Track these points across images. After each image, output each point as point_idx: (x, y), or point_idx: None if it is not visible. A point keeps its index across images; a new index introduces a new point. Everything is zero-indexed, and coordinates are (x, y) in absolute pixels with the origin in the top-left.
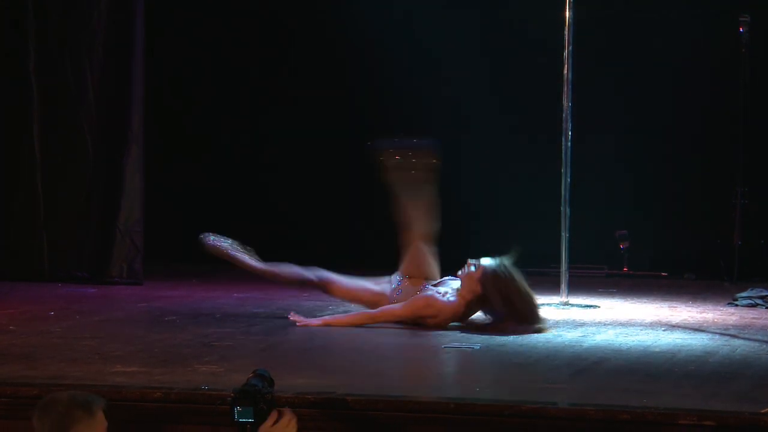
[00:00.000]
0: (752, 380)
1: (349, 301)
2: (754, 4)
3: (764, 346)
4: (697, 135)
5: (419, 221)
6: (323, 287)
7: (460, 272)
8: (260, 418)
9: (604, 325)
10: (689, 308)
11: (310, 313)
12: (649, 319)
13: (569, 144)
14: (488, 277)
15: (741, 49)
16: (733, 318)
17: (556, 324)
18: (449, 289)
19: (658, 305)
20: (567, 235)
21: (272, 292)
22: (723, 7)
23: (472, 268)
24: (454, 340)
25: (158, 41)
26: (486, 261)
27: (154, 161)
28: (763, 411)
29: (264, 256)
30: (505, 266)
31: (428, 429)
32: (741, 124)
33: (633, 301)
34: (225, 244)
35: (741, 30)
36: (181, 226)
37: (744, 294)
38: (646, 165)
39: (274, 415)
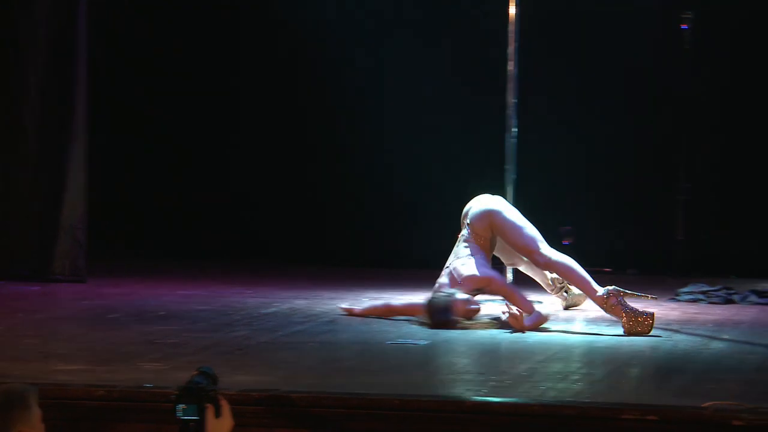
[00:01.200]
0: (694, 375)
1: None
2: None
3: (706, 341)
4: (641, 131)
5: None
6: None
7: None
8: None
9: (548, 320)
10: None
11: (255, 310)
12: (592, 314)
13: (514, 140)
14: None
15: (684, 46)
16: (675, 313)
17: (499, 320)
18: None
19: None
20: None
21: (216, 290)
22: (667, 3)
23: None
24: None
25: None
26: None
27: (97, 157)
28: (704, 405)
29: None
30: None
31: (373, 425)
32: (684, 120)
33: None
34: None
35: (683, 26)
36: (125, 224)
37: (686, 289)
38: (589, 161)
39: (212, 409)
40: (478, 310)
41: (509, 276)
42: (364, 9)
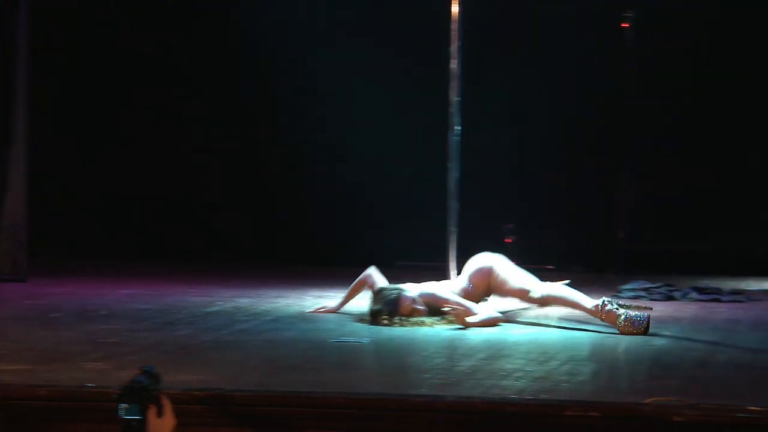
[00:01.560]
0: (636, 371)
1: None
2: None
3: (647, 338)
4: (583, 129)
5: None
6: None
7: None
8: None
9: (499, 322)
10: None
11: (198, 309)
12: (534, 312)
13: (456, 138)
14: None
15: (625, 44)
16: None
17: (444, 317)
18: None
19: None
20: (455, 229)
21: (159, 289)
22: (608, 2)
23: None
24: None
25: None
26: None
27: (39, 157)
28: (646, 401)
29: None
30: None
31: (317, 424)
32: (626, 119)
33: None
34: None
35: (625, 26)
36: (67, 223)
37: (628, 286)
38: (532, 159)
39: (154, 409)
40: (424, 312)
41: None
42: (308, 10)
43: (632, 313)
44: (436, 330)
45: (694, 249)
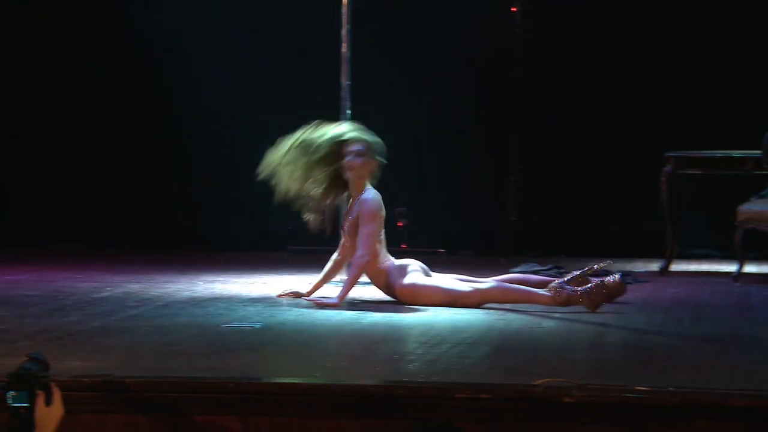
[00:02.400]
0: (526, 353)
1: None
2: None
3: (537, 319)
4: (473, 113)
5: None
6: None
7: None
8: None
9: (382, 302)
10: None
11: (87, 295)
12: None
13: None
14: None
15: (514, 29)
16: None
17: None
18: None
19: None
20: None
21: (46, 275)
22: None
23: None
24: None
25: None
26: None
27: None
28: (536, 383)
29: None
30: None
31: (210, 410)
32: (515, 102)
33: None
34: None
35: (513, 10)
36: None
37: (518, 269)
38: (422, 143)
39: (42, 396)
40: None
41: None
42: None
43: (584, 286)
44: (329, 314)
45: (582, 231)
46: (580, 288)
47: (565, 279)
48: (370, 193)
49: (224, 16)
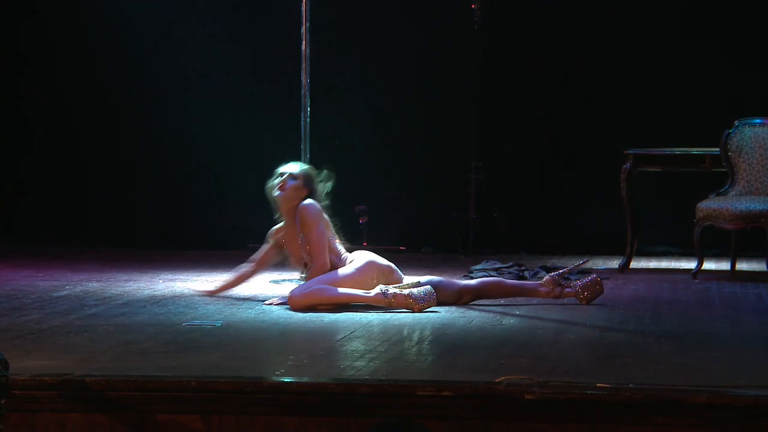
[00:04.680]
0: (487, 351)
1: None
2: None
3: (499, 317)
4: (433, 111)
5: None
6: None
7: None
8: None
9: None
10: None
11: (46, 293)
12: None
13: (308, 120)
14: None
15: (473, 26)
16: None
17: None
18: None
19: None
20: None
21: (4, 274)
22: None
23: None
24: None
25: None
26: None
27: None
28: (497, 380)
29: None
30: None
31: (170, 408)
32: (475, 100)
33: None
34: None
35: (473, 7)
36: None
37: (479, 266)
38: (383, 140)
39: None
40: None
41: None
42: None
43: (577, 281)
44: (290, 313)
45: (542, 228)
46: (579, 282)
47: (559, 272)
48: (306, 201)
49: (191, 21)
